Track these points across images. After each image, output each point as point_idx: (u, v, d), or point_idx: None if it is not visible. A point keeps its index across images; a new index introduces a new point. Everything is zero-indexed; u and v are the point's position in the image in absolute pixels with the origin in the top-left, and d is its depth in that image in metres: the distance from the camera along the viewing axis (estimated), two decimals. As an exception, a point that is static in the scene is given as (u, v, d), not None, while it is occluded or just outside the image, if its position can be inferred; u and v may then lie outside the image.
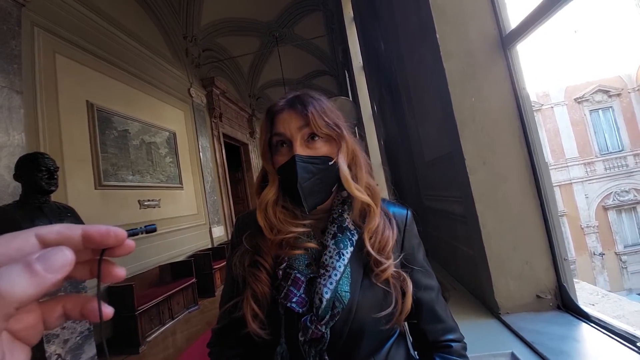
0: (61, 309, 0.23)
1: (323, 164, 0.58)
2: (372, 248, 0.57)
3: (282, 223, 0.57)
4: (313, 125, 0.57)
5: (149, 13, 4.98)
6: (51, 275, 0.19)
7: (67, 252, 0.20)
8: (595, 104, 12.38)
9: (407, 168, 2.17)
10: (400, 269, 0.59)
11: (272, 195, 0.59)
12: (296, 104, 0.59)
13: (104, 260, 0.24)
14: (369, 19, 2.69)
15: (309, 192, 0.56)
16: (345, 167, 0.58)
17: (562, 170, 12.20)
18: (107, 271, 0.24)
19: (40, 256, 0.20)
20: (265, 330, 0.55)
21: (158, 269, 4.15)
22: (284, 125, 0.58)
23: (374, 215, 0.59)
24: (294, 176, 0.55)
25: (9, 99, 2.55)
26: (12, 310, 0.18)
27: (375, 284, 0.57)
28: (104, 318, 0.23)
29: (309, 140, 0.58)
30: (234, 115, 8.01)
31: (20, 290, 0.18)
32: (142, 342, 3.14)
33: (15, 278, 0.18)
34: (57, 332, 1.98)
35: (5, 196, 2.35)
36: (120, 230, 0.24)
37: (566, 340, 0.78)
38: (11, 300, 0.18)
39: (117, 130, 3.89)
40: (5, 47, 2.58)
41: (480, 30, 1.01)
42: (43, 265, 0.19)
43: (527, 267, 0.95)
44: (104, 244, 0.23)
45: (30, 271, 0.19)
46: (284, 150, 0.59)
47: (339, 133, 0.59)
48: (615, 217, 11.76)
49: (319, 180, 0.57)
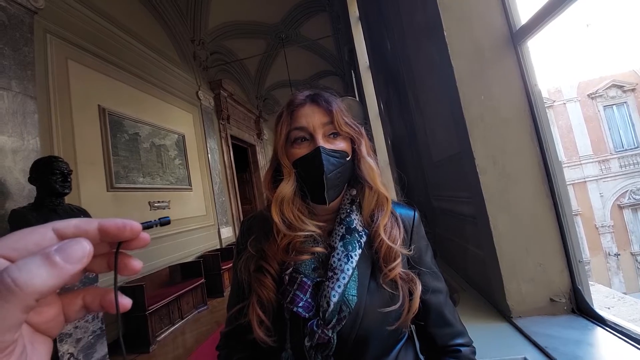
0: (81, 301, 0.24)
1: (342, 158, 0.59)
2: (388, 239, 0.57)
3: (298, 220, 0.57)
4: (337, 123, 0.58)
5: (158, 18, 5.06)
6: (70, 266, 0.19)
7: (85, 243, 0.21)
8: (609, 100, 12.04)
9: (415, 168, 2.14)
10: (407, 269, 0.59)
11: (289, 190, 0.58)
12: (319, 100, 0.60)
13: (121, 253, 0.25)
14: (374, 18, 2.67)
15: (332, 185, 0.57)
16: (371, 160, 0.61)
17: (575, 168, 11.91)
18: (123, 264, 0.25)
19: (59, 247, 0.20)
20: (271, 337, 0.54)
21: (168, 269, 4.21)
22: (306, 119, 0.59)
23: (388, 210, 0.60)
24: (319, 167, 0.55)
25: (24, 105, 2.62)
26: (32, 302, 0.18)
27: (383, 286, 0.56)
28: (122, 309, 0.24)
29: (330, 137, 0.59)
30: (242, 117, 8.07)
31: (40, 282, 0.18)
32: (153, 342, 3.19)
33: (34, 269, 0.18)
34: (69, 331, 2.02)
35: (20, 199, 2.42)
36: (135, 224, 0.24)
37: (581, 345, 0.75)
38: (31, 292, 0.18)
39: (128, 133, 3.96)
40: (18, 53, 2.65)
41: (489, 26, 0.99)
42: (62, 256, 0.19)
43: (540, 270, 0.93)
44: (120, 237, 0.24)
45: (49, 262, 0.19)
46: (304, 145, 0.59)
47: (359, 132, 0.61)
48: (631, 216, 11.41)
49: (340, 174, 0.58)
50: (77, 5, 3.49)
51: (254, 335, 0.55)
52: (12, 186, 2.42)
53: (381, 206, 0.60)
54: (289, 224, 0.56)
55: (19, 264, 0.18)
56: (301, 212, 0.58)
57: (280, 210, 0.57)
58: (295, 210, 0.58)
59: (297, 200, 0.59)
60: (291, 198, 0.58)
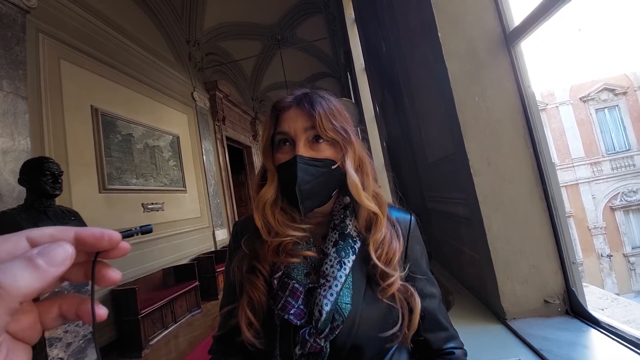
0: (57, 309, 0.23)
1: (325, 167, 0.56)
2: (379, 260, 0.54)
3: (280, 225, 0.55)
4: (319, 128, 0.54)
5: (152, 18, 5.03)
6: (54, 268, 0.20)
7: (67, 246, 0.21)
8: (601, 103, 12.23)
9: (410, 169, 2.14)
10: (406, 281, 0.57)
11: (271, 194, 0.56)
12: (304, 102, 0.57)
13: (99, 262, 0.24)
14: (369, 19, 2.68)
15: (308, 195, 0.54)
16: (354, 175, 0.56)
17: (568, 170, 12.05)
18: (101, 274, 0.24)
19: (41, 251, 0.20)
20: (260, 340, 0.52)
21: (161, 272, 4.16)
22: (289, 123, 0.56)
23: (381, 225, 0.56)
24: (293, 177, 0.53)
25: (14, 105, 2.58)
26: (17, 305, 0.18)
27: (380, 298, 0.54)
28: (98, 319, 0.23)
29: (313, 142, 0.56)
30: (237, 119, 8.04)
31: (24, 284, 0.18)
32: (145, 346, 3.14)
33: (17, 272, 0.18)
34: (60, 336, 1.98)
35: (10, 200, 2.37)
36: (114, 233, 0.23)
37: (575, 347, 0.75)
38: (16, 295, 0.18)
39: (121, 134, 3.92)
40: (10, 53, 2.61)
41: (482, 27, 0.99)
42: (45, 259, 0.19)
43: (534, 271, 0.93)
44: (97, 247, 0.23)
45: (32, 265, 0.19)
46: (286, 149, 0.57)
47: (345, 138, 0.57)
48: (623, 217, 11.57)
49: (320, 183, 0.55)
50: (70, 5, 3.45)
51: (241, 339, 0.53)
52: (1, 187, 2.37)
53: (373, 220, 0.57)
54: (269, 228, 0.55)
55: (2, 267, 0.18)
56: (284, 216, 0.56)
57: (262, 214, 0.56)
58: (277, 215, 0.56)
59: (280, 204, 0.57)
60: (273, 202, 0.56)
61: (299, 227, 0.56)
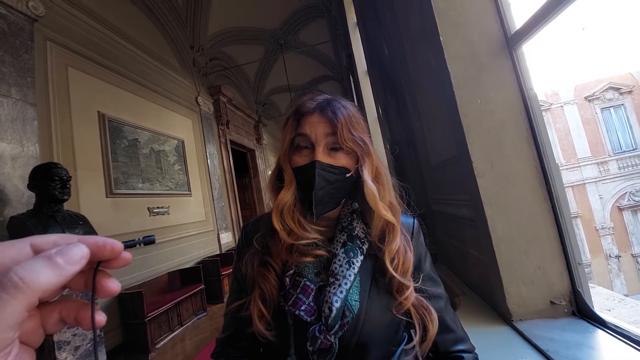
0: (57, 314, 0.23)
1: (341, 174, 0.57)
2: (396, 271, 0.55)
3: (299, 228, 0.57)
4: (340, 137, 0.56)
5: (157, 25, 5.10)
6: (71, 266, 0.21)
7: (83, 246, 0.22)
8: (606, 102, 12.12)
9: (413, 171, 2.15)
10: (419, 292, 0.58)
11: (289, 198, 0.57)
12: (327, 109, 0.58)
13: (100, 271, 0.24)
14: (371, 23, 2.70)
15: (320, 201, 0.56)
16: (372, 185, 0.57)
17: (574, 170, 11.94)
18: (101, 284, 0.24)
19: (60, 250, 0.21)
20: (271, 331, 0.54)
21: (167, 275, 4.18)
22: (310, 127, 0.57)
23: (396, 235, 0.57)
24: (310, 181, 0.55)
25: (23, 112, 2.63)
26: (35, 300, 0.19)
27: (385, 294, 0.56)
28: (97, 326, 0.23)
29: (331, 149, 0.58)
30: (241, 122, 8.10)
31: (44, 280, 0.19)
32: (152, 349, 3.16)
33: (39, 269, 0.20)
34: (68, 339, 2.01)
35: (19, 205, 2.41)
36: (117, 243, 0.24)
37: (582, 348, 0.75)
38: (36, 289, 0.19)
39: (128, 139, 3.97)
40: (18, 61, 2.67)
41: (484, 31, 1.00)
42: (63, 257, 0.21)
43: (540, 272, 0.93)
44: (99, 256, 0.23)
45: (52, 263, 0.20)
46: (304, 152, 0.58)
47: (363, 149, 0.58)
48: (631, 217, 11.41)
49: (334, 190, 0.57)
50: (77, 13, 3.52)
51: (252, 330, 0.54)
52: (11, 193, 2.41)
53: (387, 230, 0.58)
54: (289, 230, 0.56)
55: (24, 265, 0.19)
56: (302, 218, 0.58)
57: (281, 217, 0.57)
58: (296, 218, 0.57)
59: (299, 207, 0.58)
60: (292, 205, 0.57)
61: (315, 228, 0.57)
